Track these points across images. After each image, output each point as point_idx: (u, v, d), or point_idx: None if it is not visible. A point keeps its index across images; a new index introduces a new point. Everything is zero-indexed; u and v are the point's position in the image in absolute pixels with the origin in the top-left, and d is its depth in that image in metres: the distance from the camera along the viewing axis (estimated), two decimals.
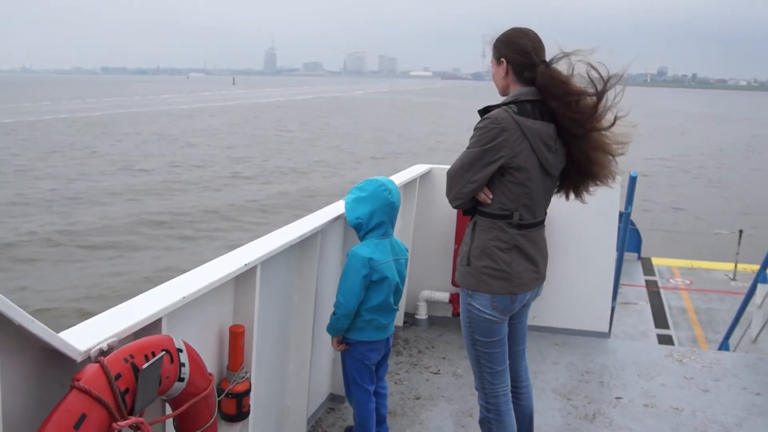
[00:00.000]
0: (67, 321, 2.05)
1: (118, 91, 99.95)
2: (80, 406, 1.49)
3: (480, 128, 2.48)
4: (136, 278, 10.86)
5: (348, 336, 3.05)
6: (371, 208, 2.96)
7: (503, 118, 2.43)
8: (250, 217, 16.07)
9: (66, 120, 42.89)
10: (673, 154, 31.21)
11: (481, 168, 2.46)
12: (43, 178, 20.62)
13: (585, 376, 4.17)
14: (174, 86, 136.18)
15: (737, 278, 9.20)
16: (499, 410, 2.68)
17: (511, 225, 2.52)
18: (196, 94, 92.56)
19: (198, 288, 2.13)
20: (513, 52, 2.55)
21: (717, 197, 21.38)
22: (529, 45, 2.53)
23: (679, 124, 51.08)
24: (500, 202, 2.51)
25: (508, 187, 2.49)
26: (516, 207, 2.51)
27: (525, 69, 2.53)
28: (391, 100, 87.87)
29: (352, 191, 3.06)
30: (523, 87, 2.54)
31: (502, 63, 2.56)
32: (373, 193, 2.98)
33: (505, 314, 2.59)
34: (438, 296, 4.92)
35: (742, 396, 3.94)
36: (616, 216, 4.74)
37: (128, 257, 12.54)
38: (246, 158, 26.70)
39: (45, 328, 1.48)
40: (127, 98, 75.67)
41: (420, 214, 4.84)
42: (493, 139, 2.43)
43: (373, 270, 2.92)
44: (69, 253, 12.72)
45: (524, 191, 2.50)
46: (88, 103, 64.42)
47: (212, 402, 2.03)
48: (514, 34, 2.57)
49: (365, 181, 3.05)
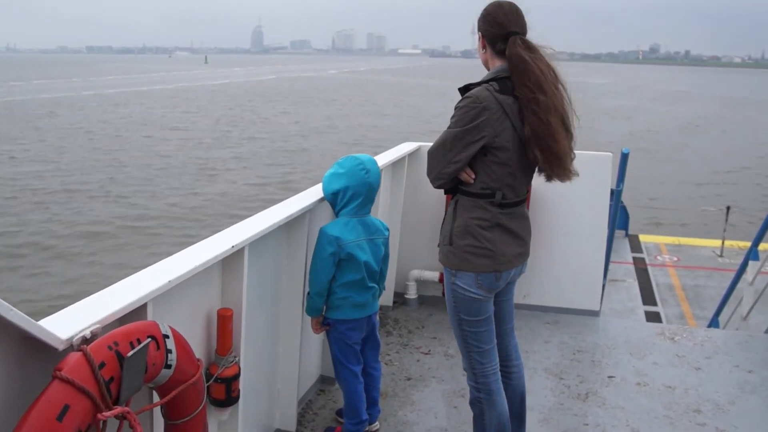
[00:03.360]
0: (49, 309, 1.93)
1: (66, 72, 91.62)
2: (63, 397, 1.44)
3: (461, 107, 2.43)
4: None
5: (327, 316, 3.05)
6: (346, 184, 2.95)
7: (484, 97, 2.39)
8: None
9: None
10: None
11: (462, 148, 2.42)
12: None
13: (577, 354, 4.18)
14: (141, 66, 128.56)
15: (724, 255, 9.27)
16: (489, 390, 2.66)
17: (493, 204, 2.49)
18: (149, 75, 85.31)
19: (184, 271, 2.07)
20: (486, 24, 2.52)
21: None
22: (501, 16, 2.49)
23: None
24: (482, 182, 2.48)
25: (490, 166, 2.46)
26: (499, 186, 2.48)
27: (497, 41, 2.49)
28: (362, 80, 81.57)
29: (333, 166, 3.05)
30: (503, 62, 2.49)
31: (479, 37, 2.54)
32: (350, 170, 2.97)
33: (490, 292, 2.57)
34: (428, 275, 4.89)
35: (735, 374, 3.95)
36: (608, 194, 4.72)
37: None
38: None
39: (24, 316, 1.42)
40: (64, 80, 67.90)
41: (409, 192, 4.79)
42: (474, 119, 2.38)
43: (341, 248, 2.90)
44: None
45: (507, 171, 2.47)
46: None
47: (201, 388, 1.98)
48: (488, 7, 2.54)
49: (345, 158, 3.04)
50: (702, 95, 65.18)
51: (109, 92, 50.78)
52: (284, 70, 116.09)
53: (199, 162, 21.19)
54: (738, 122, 38.55)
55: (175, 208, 15.15)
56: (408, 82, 78.28)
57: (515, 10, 2.50)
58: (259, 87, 63.38)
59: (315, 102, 45.60)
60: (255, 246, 2.57)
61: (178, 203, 15.61)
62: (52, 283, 10.40)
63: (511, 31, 2.47)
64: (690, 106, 48.39)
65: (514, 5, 2.51)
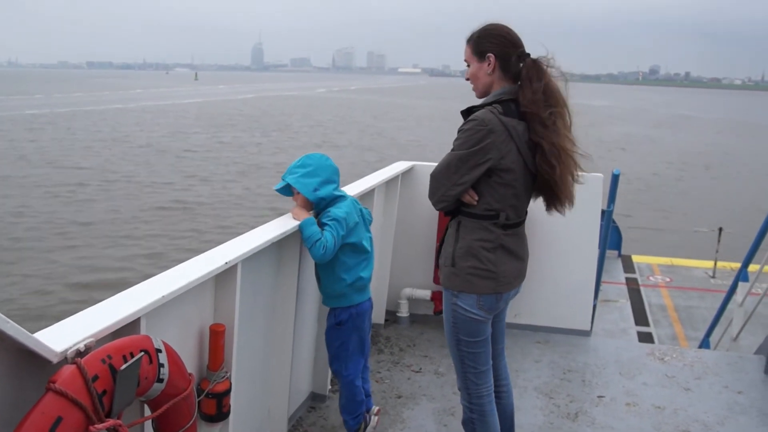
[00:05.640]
0: (44, 322, 1.85)
1: (31, 88, 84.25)
2: (56, 409, 1.47)
3: (466, 130, 2.43)
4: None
5: (338, 305, 3.11)
6: (324, 178, 2.96)
7: (490, 120, 2.40)
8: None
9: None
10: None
11: (467, 170, 2.43)
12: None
13: (567, 374, 4.20)
14: (126, 82, 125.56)
15: (717, 276, 9.31)
16: (483, 411, 2.68)
17: (497, 225, 2.51)
18: (130, 91, 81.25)
19: (178, 287, 2.11)
20: (499, 44, 2.48)
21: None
22: (513, 35, 2.50)
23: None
24: (486, 203, 2.49)
25: (494, 188, 2.47)
26: (502, 207, 2.50)
27: (510, 61, 2.47)
28: (346, 100, 75.04)
29: (292, 171, 2.97)
30: (506, 84, 2.50)
31: (488, 59, 2.48)
32: (318, 161, 2.98)
33: (490, 313, 2.60)
34: (419, 294, 4.93)
35: (724, 394, 3.97)
36: (599, 214, 4.77)
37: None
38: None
39: (19, 328, 1.46)
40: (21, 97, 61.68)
41: (402, 211, 4.84)
42: (480, 141, 2.39)
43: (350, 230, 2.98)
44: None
45: (511, 192, 2.49)
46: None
47: (192, 403, 2.02)
48: (497, 27, 2.51)
49: (303, 158, 3.01)
50: (714, 120, 62.68)
51: (37, 112, 44.25)
52: (266, 88, 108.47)
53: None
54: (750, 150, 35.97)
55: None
56: (395, 103, 73.27)
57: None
58: (224, 108, 55.50)
59: (269, 127, 38.35)
60: (248, 262, 2.60)
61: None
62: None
63: (522, 50, 2.48)
64: (698, 134, 45.33)
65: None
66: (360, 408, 3.21)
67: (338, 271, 3.02)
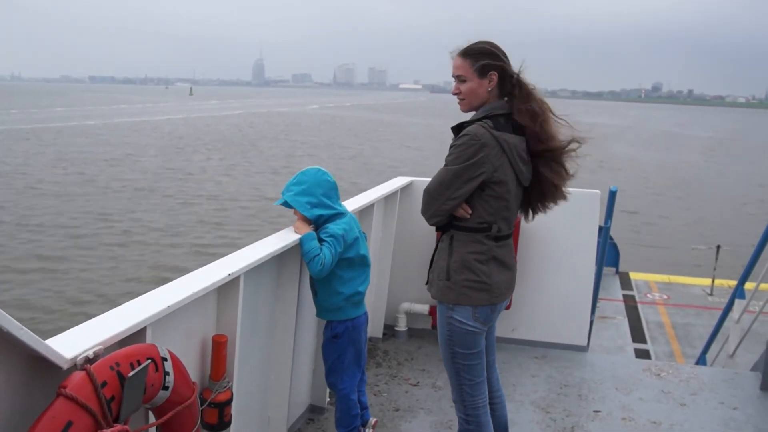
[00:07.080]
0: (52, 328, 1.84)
1: (13, 102, 79.79)
2: (66, 414, 1.52)
3: (459, 145, 2.49)
4: None
5: (334, 318, 3.15)
6: (319, 195, 2.99)
7: (482, 134, 2.47)
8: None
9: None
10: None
11: (461, 185, 2.49)
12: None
13: (564, 389, 4.24)
14: (121, 96, 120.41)
15: (714, 293, 9.34)
16: (479, 422, 2.72)
17: (489, 237, 2.57)
18: (117, 106, 77.09)
19: (182, 297, 2.17)
20: (500, 60, 2.56)
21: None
22: (505, 54, 2.59)
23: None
24: (479, 216, 2.55)
25: (487, 201, 2.54)
26: (494, 219, 2.56)
27: (507, 77, 2.56)
28: (337, 118, 70.38)
29: (289, 188, 3.01)
30: (495, 100, 2.57)
31: (489, 76, 2.54)
32: (313, 177, 3.01)
33: (485, 325, 2.64)
34: (417, 308, 4.97)
35: (720, 410, 4.00)
36: (596, 230, 4.83)
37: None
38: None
39: (32, 335, 1.51)
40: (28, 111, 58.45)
41: (400, 226, 4.90)
42: (473, 156, 2.46)
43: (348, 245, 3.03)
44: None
45: (503, 204, 2.56)
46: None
47: (195, 411, 2.07)
48: (495, 45, 2.58)
49: (299, 174, 3.03)
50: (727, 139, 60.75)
51: (23, 127, 41.48)
52: (258, 104, 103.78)
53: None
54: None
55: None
56: (386, 120, 69.62)
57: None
58: (199, 126, 50.76)
59: (247, 149, 34.19)
60: (250, 275, 2.66)
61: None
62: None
63: (512, 69, 2.58)
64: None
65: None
66: (355, 422, 3.24)
67: (335, 285, 3.07)
